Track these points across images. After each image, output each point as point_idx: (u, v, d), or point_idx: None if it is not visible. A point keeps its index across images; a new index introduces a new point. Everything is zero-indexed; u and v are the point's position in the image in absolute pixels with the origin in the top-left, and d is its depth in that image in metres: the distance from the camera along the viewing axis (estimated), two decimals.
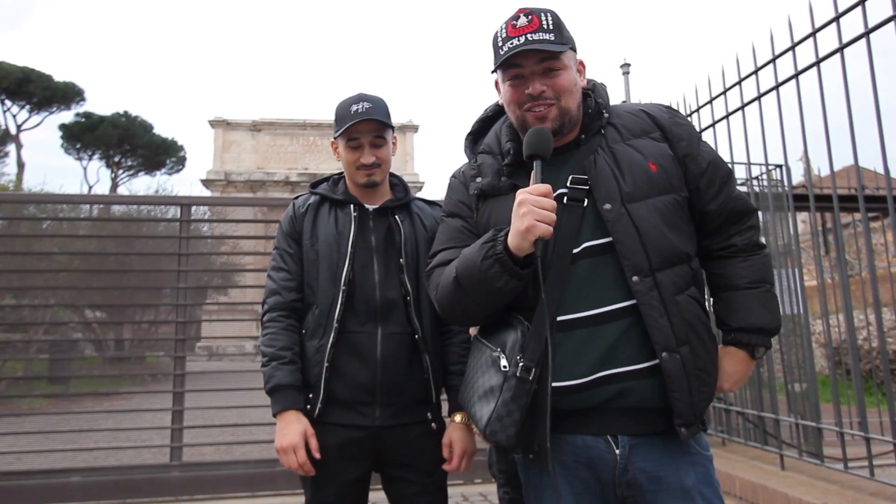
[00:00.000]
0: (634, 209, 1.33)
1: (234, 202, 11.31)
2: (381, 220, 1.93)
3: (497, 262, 1.29)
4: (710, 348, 1.36)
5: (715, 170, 1.45)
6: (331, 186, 2.00)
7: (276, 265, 1.92)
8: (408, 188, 2.07)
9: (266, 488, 4.05)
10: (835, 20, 2.82)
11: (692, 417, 1.30)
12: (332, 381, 1.79)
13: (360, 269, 1.86)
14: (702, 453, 1.36)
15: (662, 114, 1.47)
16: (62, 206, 11.42)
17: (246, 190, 26.53)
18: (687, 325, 1.31)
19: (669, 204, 1.37)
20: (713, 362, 1.36)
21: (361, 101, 1.86)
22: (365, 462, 1.82)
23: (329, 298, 1.82)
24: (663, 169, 1.38)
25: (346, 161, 1.91)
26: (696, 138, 1.47)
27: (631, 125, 1.45)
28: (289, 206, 1.99)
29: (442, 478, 1.88)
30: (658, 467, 1.31)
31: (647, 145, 1.41)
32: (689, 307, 1.33)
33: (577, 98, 1.42)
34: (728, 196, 1.45)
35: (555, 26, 1.37)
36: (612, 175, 1.36)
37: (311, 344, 1.82)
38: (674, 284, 1.32)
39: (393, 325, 1.83)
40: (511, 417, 1.30)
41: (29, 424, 6.14)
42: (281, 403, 1.76)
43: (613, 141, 1.42)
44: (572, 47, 1.42)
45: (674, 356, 1.29)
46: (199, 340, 15.32)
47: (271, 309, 1.87)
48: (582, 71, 1.48)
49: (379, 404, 1.80)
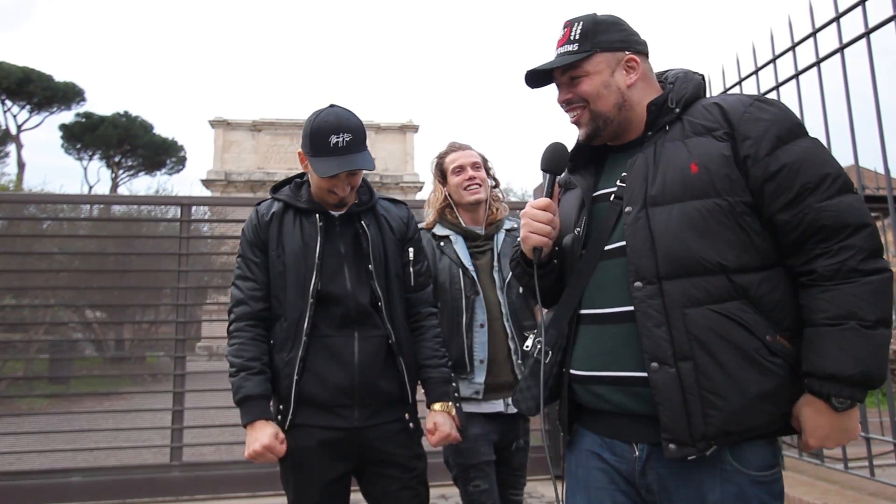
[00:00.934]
0: (655, 213, 1.28)
1: (234, 202, 11.29)
2: (348, 226, 1.91)
3: (518, 265, 1.53)
4: (733, 370, 1.19)
5: (793, 175, 1.23)
6: (293, 191, 1.95)
7: (242, 274, 1.89)
8: (372, 189, 2.02)
9: (266, 488, 4.05)
10: (835, 20, 2.82)
11: (687, 437, 1.20)
12: (309, 386, 1.79)
13: (331, 277, 1.84)
14: (741, 471, 1.23)
15: (738, 107, 1.31)
16: (62, 206, 11.43)
17: (246, 190, 26.52)
18: (693, 340, 1.21)
19: (707, 209, 1.25)
20: (733, 386, 1.19)
21: (342, 133, 1.76)
22: (346, 461, 1.83)
23: (297, 311, 1.81)
24: (707, 171, 1.26)
25: (318, 185, 1.86)
26: (769, 137, 1.26)
27: (699, 120, 1.33)
28: (251, 213, 1.94)
29: (423, 472, 1.92)
30: (677, 478, 1.26)
31: (700, 144, 1.30)
32: (705, 322, 1.21)
33: (613, 99, 1.39)
34: (810, 206, 1.21)
35: (582, 35, 1.40)
36: (644, 176, 1.33)
37: (280, 356, 1.82)
38: (686, 295, 1.23)
39: (368, 329, 1.85)
40: (530, 392, 1.43)
41: (29, 424, 6.14)
42: (251, 414, 1.76)
43: (671, 139, 1.34)
44: (606, 49, 1.39)
45: (666, 369, 1.22)
46: (199, 340, 15.31)
47: (238, 318, 1.85)
48: (634, 68, 1.40)
49: (357, 406, 1.81)
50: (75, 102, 30.83)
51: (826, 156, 1.27)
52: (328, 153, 1.76)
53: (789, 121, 1.29)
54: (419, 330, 1.99)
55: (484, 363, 2.23)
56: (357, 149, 1.79)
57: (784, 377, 1.21)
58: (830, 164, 1.25)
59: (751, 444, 1.24)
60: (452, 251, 2.33)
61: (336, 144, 1.76)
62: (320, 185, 1.84)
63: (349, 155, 1.77)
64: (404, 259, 1.98)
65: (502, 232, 2.43)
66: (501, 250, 2.38)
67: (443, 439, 1.90)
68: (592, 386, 1.36)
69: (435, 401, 1.93)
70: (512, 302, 2.33)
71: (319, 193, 1.88)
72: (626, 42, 1.41)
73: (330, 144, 1.76)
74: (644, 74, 1.42)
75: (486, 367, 2.23)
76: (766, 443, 1.26)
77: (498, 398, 2.24)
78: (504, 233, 2.43)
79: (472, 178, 2.37)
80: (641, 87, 1.41)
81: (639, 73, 1.40)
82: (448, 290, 2.27)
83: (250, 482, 4.08)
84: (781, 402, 1.22)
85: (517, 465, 2.36)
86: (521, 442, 2.36)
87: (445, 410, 1.93)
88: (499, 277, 2.36)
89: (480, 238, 2.40)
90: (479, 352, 2.24)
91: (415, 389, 1.94)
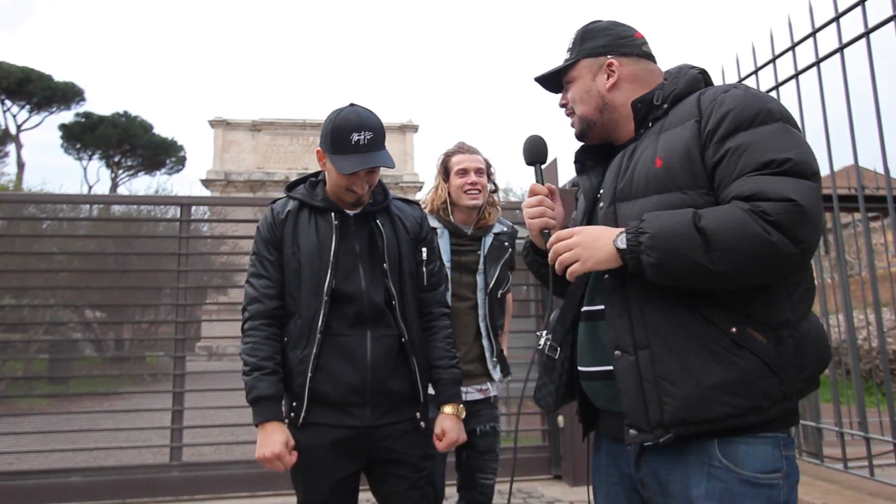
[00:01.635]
0: (621, 208, 1.31)
1: (234, 202, 11.27)
2: (363, 225, 1.92)
3: (528, 253, 1.61)
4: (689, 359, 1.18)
5: (736, 158, 1.18)
6: (308, 190, 1.96)
7: (256, 272, 1.89)
8: (386, 190, 2.03)
9: (266, 488, 4.06)
10: (835, 20, 2.82)
11: (644, 423, 1.21)
12: (321, 384, 1.80)
13: (345, 275, 1.85)
14: (728, 468, 1.20)
15: (710, 95, 1.28)
16: (62, 206, 11.41)
17: (246, 190, 26.52)
18: (651, 329, 1.22)
19: (666, 203, 1.24)
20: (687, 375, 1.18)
21: (363, 131, 1.78)
22: (356, 460, 1.84)
23: (312, 309, 1.82)
24: (669, 165, 1.25)
25: (337, 183, 1.86)
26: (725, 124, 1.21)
27: (679, 113, 1.32)
28: (266, 210, 1.95)
29: (431, 472, 1.93)
30: (667, 472, 1.26)
31: (669, 137, 1.29)
32: (661, 311, 1.22)
33: (593, 103, 1.44)
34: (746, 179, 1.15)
35: (574, 43, 1.48)
36: (616, 173, 1.36)
37: (295, 354, 1.82)
38: (644, 286, 1.23)
39: (381, 328, 1.86)
40: (546, 388, 1.45)
41: (29, 424, 6.14)
42: (263, 415, 1.76)
43: (651, 134, 1.35)
44: (588, 55, 1.45)
45: (626, 357, 1.24)
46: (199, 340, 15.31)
47: (253, 317, 1.85)
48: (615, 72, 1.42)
49: (369, 405, 1.82)
50: (75, 102, 30.85)
51: (781, 140, 1.17)
52: (349, 150, 1.78)
53: (754, 107, 1.21)
54: (431, 330, 2.00)
55: None
56: (377, 147, 1.81)
57: (750, 370, 1.16)
58: (780, 148, 1.16)
59: (746, 443, 1.20)
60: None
61: (358, 142, 1.77)
62: (339, 183, 1.85)
63: (370, 153, 1.79)
64: (417, 259, 2.00)
65: (490, 236, 2.52)
66: (488, 253, 2.48)
67: (450, 445, 1.92)
68: (591, 382, 1.39)
69: (445, 402, 1.94)
70: (491, 304, 2.45)
71: (337, 191, 1.88)
72: (609, 46, 1.44)
73: (351, 142, 1.77)
74: (630, 76, 1.42)
75: None
76: (767, 444, 1.21)
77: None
78: (492, 237, 2.52)
79: (475, 184, 2.44)
80: (628, 89, 1.42)
81: (618, 76, 1.42)
82: None
83: (250, 482, 4.08)
84: (750, 394, 1.16)
85: (483, 448, 2.42)
86: (485, 427, 2.42)
87: (455, 413, 1.93)
88: (481, 280, 2.45)
89: (466, 237, 2.48)
90: None
91: (426, 388, 1.94)
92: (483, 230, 2.51)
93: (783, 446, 1.22)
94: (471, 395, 2.38)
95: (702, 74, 1.41)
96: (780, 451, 1.22)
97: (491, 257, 2.48)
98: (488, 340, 2.43)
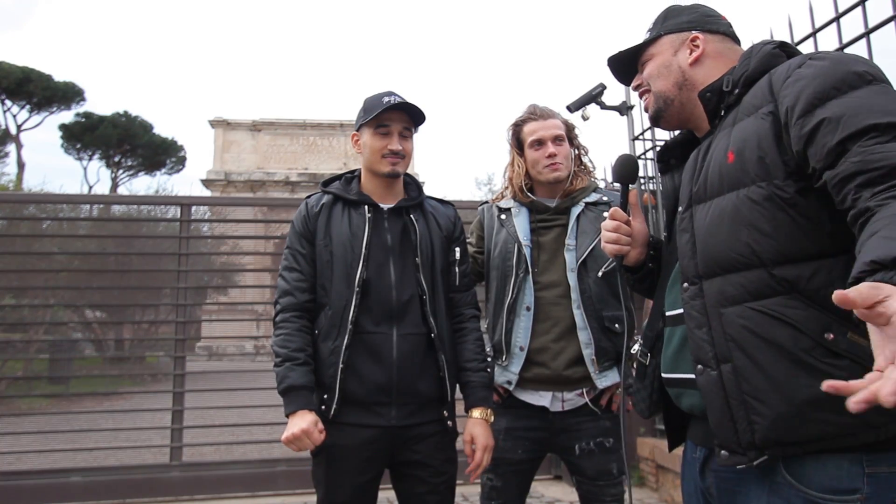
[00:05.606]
0: (697, 211, 1.23)
1: (234, 202, 11.31)
2: (396, 219, 1.93)
3: (617, 269, 1.55)
4: (775, 372, 1.05)
5: (833, 129, 0.99)
6: (343, 185, 1.99)
7: (289, 265, 1.91)
8: (420, 188, 2.05)
9: (266, 488, 4.06)
10: (835, 20, 2.82)
11: (735, 444, 1.10)
12: (348, 382, 1.79)
13: (376, 269, 1.85)
14: (795, 487, 1.06)
15: (782, 72, 1.13)
16: (62, 206, 11.43)
17: (246, 190, 26.53)
18: (730, 341, 1.11)
19: (742, 199, 1.12)
20: (776, 390, 1.05)
21: (393, 95, 1.89)
22: (380, 462, 1.83)
23: (343, 300, 1.82)
24: (741, 158, 1.13)
25: (373, 148, 1.89)
26: (804, 96, 1.05)
27: (752, 97, 1.18)
28: (301, 205, 1.97)
29: (452, 477, 1.90)
30: (730, 483, 1.20)
31: (742, 128, 1.17)
32: (740, 320, 1.10)
33: (672, 78, 1.35)
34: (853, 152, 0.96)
35: (655, 23, 1.41)
36: (691, 173, 1.26)
37: (326, 345, 1.82)
38: (721, 293, 1.14)
39: (408, 326, 1.85)
40: (640, 394, 1.40)
41: (29, 424, 6.13)
42: (295, 404, 1.75)
43: (724, 127, 1.23)
44: (671, 31, 1.37)
45: (708, 372, 1.15)
46: (199, 340, 15.31)
47: (285, 309, 1.86)
48: (699, 46, 1.33)
49: (395, 404, 1.81)
50: (75, 102, 30.82)
51: (884, 102, 1.00)
52: (382, 107, 1.85)
53: (839, 72, 1.05)
54: (461, 331, 1.97)
55: (524, 351, 1.98)
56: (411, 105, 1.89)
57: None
58: (880, 111, 0.98)
59: (816, 459, 1.05)
60: (511, 224, 2.10)
61: (389, 101, 1.86)
62: (374, 148, 1.89)
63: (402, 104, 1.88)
64: (451, 258, 1.99)
65: (580, 205, 2.08)
66: (579, 226, 2.05)
67: (484, 451, 1.87)
68: (672, 388, 1.34)
69: (473, 406, 1.90)
70: (587, 287, 1.99)
71: (373, 161, 1.91)
72: (694, 22, 1.36)
73: (383, 101, 1.86)
74: (714, 52, 1.33)
75: (524, 355, 1.98)
76: (843, 461, 1.03)
77: (546, 391, 1.99)
78: (583, 205, 2.08)
79: (553, 155, 2.06)
80: (711, 66, 1.32)
81: (702, 50, 1.32)
82: (499, 267, 2.07)
83: (250, 482, 4.08)
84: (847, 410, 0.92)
85: (593, 472, 1.97)
86: (585, 444, 1.97)
87: (484, 418, 1.89)
88: (571, 257, 2.01)
89: (550, 210, 2.09)
90: (519, 338, 1.99)
91: (454, 388, 1.92)
92: (570, 199, 2.09)
93: (867, 462, 1.02)
94: (567, 405, 1.97)
95: (780, 48, 1.23)
96: (860, 468, 1.03)
97: (583, 230, 2.04)
98: (587, 333, 1.95)
